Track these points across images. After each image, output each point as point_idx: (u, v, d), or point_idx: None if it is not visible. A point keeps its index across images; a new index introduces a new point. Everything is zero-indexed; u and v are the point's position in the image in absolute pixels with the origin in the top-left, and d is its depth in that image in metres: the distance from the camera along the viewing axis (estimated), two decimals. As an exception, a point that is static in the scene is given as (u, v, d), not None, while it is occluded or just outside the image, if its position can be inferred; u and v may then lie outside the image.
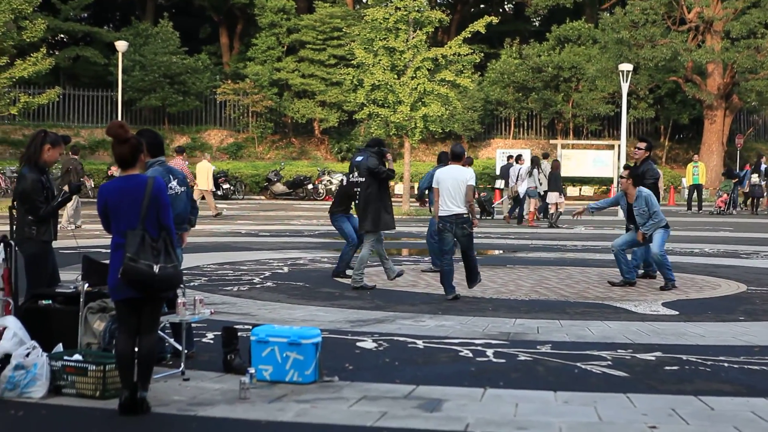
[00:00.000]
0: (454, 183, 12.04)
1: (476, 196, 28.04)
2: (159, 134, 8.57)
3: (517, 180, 26.73)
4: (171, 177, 8.24)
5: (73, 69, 49.48)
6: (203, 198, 27.37)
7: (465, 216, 12.09)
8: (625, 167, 14.15)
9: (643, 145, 14.31)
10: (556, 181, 25.97)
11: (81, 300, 7.82)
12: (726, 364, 8.21)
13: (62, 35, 52.59)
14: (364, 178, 12.90)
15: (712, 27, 43.20)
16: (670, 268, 13.29)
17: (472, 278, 12.48)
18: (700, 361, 8.34)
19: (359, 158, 13.26)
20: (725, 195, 33.32)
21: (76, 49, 49.51)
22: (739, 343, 9.25)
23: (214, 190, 30.88)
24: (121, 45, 38.24)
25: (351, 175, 13.31)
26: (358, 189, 13.00)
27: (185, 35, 50.34)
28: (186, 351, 7.85)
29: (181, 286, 7.49)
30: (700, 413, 6.59)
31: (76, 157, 22.82)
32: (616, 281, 13.53)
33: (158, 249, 6.46)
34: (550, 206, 26.25)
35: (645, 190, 13.30)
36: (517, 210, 27.31)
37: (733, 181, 33.81)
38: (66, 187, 8.60)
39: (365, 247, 12.99)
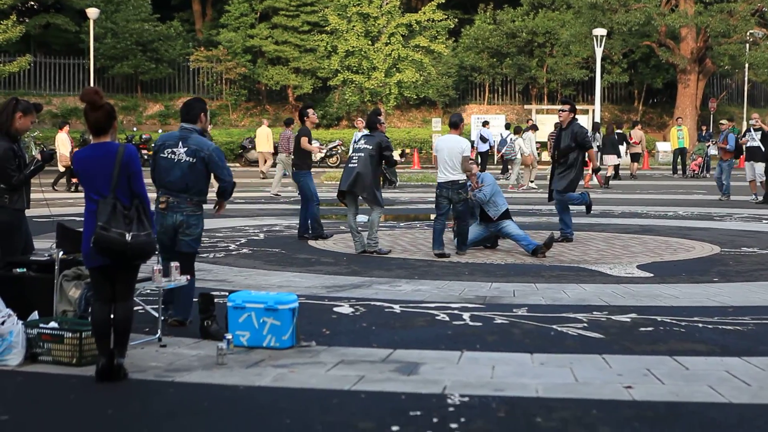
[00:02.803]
0: (450, 152, 12.56)
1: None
2: (194, 102, 8.37)
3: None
4: (181, 143, 8.08)
5: (44, 36, 48.91)
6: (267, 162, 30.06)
7: (461, 182, 12.61)
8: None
9: (567, 107, 14.50)
10: (613, 145, 26.37)
11: (56, 267, 7.78)
12: (700, 325, 8.28)
13: (32, 2, 51.87)
14: (372, 147, 12.82)
15: (685, -9, 43.24)
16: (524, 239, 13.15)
17: (462, 243, 13.04)
18: (674, 322, 8.41)
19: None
20: (699, 158, 33.47)
21: (46, 16, 48.89)
22: (713, 304, 9.33)
23: (273, 152, 31.21)
24: (93, 12, 37.82)
25: (355, 143, 13.26)
26: (359, 154, 12.89)
27: (157, 2, 49.82)
28: (185, 318, 8.18)
29: (156, 252, 7.45)
30: (675, 373, 6.65)
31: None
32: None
33: (130, 217, 6.41)
34: (606, 168, 26.48)
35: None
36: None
37: (707, 144, 33.92)
38: (39, 155, 8.46)
39: (374, 213, 13.02)
